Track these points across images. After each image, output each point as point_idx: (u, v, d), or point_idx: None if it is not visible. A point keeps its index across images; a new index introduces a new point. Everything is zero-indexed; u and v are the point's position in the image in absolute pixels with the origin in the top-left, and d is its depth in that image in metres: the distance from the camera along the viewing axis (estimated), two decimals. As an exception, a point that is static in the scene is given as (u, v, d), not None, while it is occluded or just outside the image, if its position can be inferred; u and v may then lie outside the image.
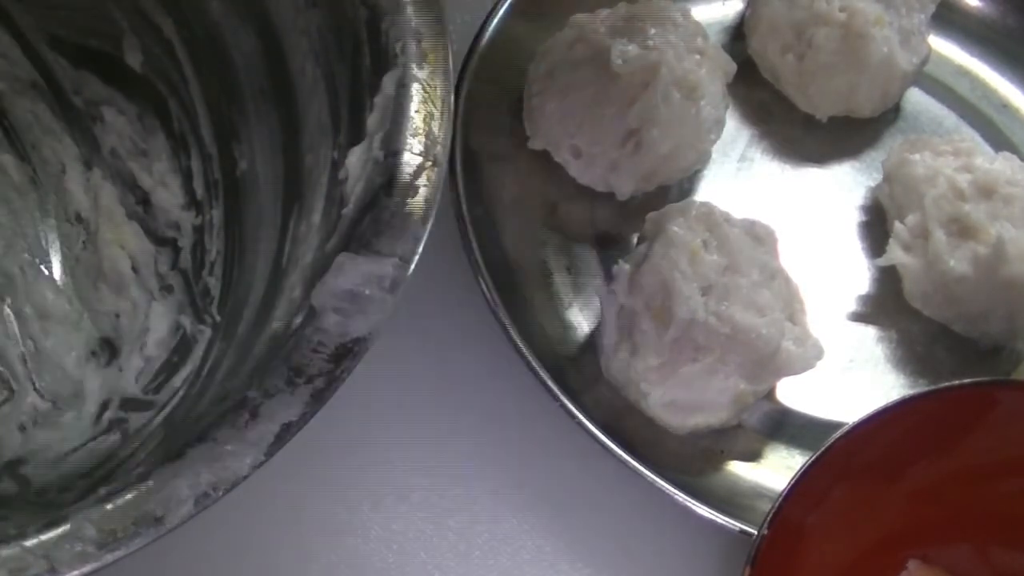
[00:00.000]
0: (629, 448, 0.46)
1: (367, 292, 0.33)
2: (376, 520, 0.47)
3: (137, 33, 0.46)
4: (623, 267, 0.48)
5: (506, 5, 0.54)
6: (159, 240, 0.48)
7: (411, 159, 0.35)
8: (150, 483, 0.29)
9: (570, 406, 0.46)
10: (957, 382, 0.45)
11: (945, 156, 0.53)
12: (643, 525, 0.48)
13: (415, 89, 0.36)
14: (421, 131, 0.36)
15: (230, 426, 0.31)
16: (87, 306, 0.47)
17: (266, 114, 0.43)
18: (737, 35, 0.59)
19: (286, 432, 0.31)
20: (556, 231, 0.54)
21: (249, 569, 0.46)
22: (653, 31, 0.52)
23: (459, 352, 0.51)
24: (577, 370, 0.49)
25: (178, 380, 0.43)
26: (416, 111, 0.36)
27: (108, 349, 0.46)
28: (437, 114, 0.36)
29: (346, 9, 0.39)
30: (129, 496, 0.29)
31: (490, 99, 0.54)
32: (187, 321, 0.45)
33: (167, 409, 0.42)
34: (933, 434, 0.45)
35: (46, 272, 0.47)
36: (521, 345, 0.47)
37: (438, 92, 0.36)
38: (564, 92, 0.52)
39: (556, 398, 0.46)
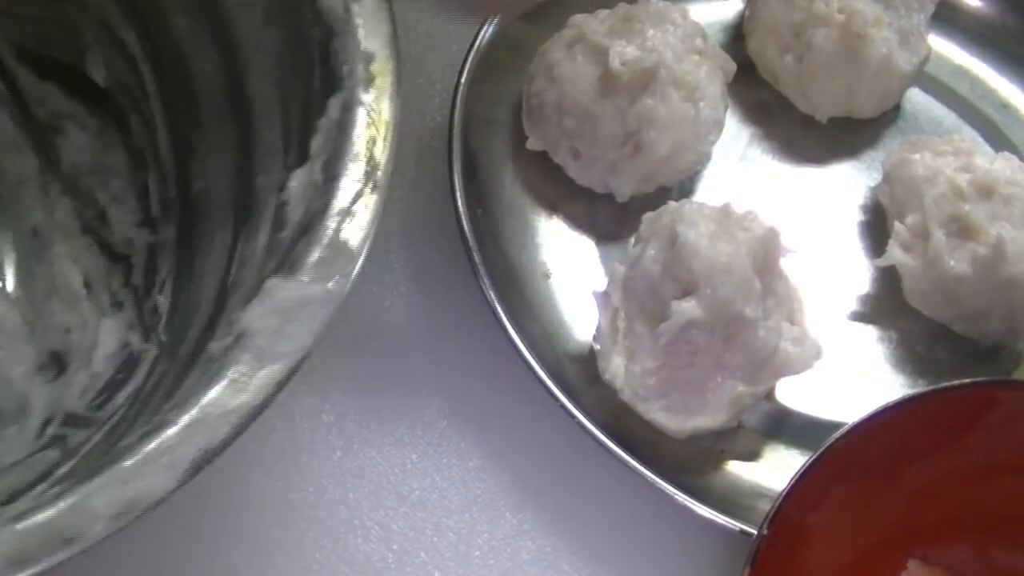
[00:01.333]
0: (629, 448, 0.46)
1: (292, 318, 0.32)
2: (376, 520, 0.47)
3: (102, 46, 0.46)
4: (618, 269, 0.48)
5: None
6: (113, 256, 0.48)
7: (350, 184, 0.35)
8: (68, 500, 0.29)
9: (570, 406, 0.46)
10: (957, 382, 0.45)
11: (945, 156, 0.53)
12: (643, 525, 0.48)
13: (359, 113, 0.36)
14: (362, 156, 0.35)
15: (147, 448, 0.30)
16: (38, 320, 0.46)
17: (223, 134, 0.43)
18: (737, 35, 0.59)
19: (203, 459, 0.31)
20: (556, 231, 0.54)
21: (249, 569, 0.46)
22: (652, 32, 0.52)
23: (459, 352, 0.51)
24: (577, 370, 0.49)
25: (121, 398, 0.43)
26: (359, 135, 0.35)
27: (56, 363, 0.46)
28: (380, 139, 0.36)
29: (303, 29, 0.38)
30: (41, 517, 0.29)
31: (490, 99, 0.54)
32: (135, 338, 0.45)
33: (107, 427, 0.42)
34: (933, 434, 0.45)
35: (0, 284, 0.47)
36: (521, 345, 0.47)
37: (383, 116, 0.36)
38: (563, 93, 0.52)
39: (556, 398, 0.46)
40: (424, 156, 0.54)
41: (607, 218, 0.54)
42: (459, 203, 0.50)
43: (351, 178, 0.35)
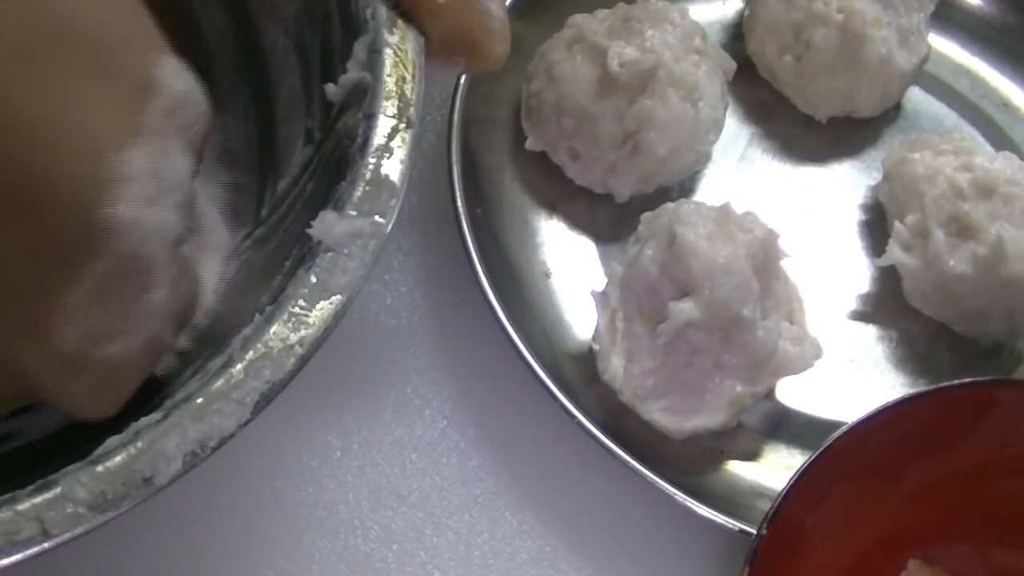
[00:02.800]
0: (629, 448, 0.46)
1: (346, 251, 0.33)
2: (376, 520, 0.47)
3: None
4: (616, 269, 0.48)
5: (506, 5, 0.54)
6: None
7: (385, 122, 0.36)
8: (139, 444, 0.30)
9: (570, 406, 0.46)
10: (957, 382, 0.45)
11: (945, 155, 0.53)
12: (643, 525, 0.48)
13: (387, 54, 0.37)
14: (394, 94, 0.36)
15: (215, 386, 0.31)
16: None
17: (239, 88, 0.44)
18: (737, 34, 0.59)
19: (272, 391, 0.31)
20: (556, 231, 0.54)
21: (249, 569, 0.46)
22: (651, 32, 0.52)
23: (459, 352, 0.51)
24: (576, 370, 0.49)
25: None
26: (388, 75, 0.36)
27: None
28: (409, 77, 0.37)
29: None
30: (118, 458, 0.30)
31: (490, 99, 0.54)
32: None
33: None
34: (933, 434, 0.45)
35: None
36: (521, 345, 0.47)
37: (409, 56, 0.37)
38: (562, 93, 0.52)
39: (556, 398, 0.46)
40: (424, 156, 0.54)
41: (607, 218, 0.54)
42: (459, 203, 0.50)
43: (385, 115, 0.36)
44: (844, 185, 0.57)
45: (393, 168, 0.35)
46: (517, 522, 0.48)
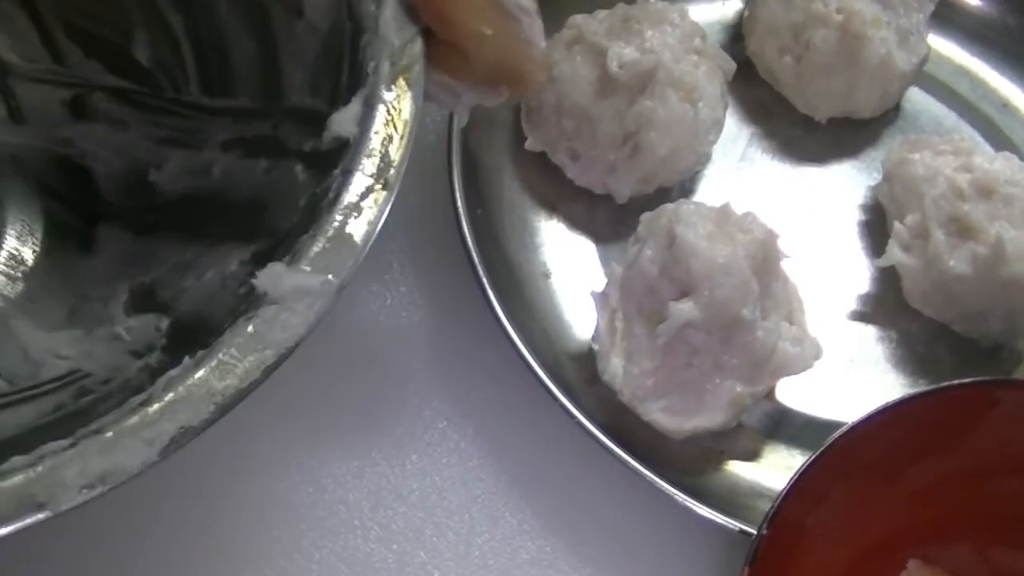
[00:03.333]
0: (629, 448, 0.46)
1: (292, 306, 0.33)
2: (376, 520, 0.47)
3: (148, 27, 0.47)
4: (616, 269, 0.48)
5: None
6: None
7: (361, 180, 0.35)
8: (39, 468, 0.30)
9: (570, 406, 0.46)
10: (957, 382, 0.45)
11: (945, 156, 0.53)
12: (643, 525, 0.48)
13: (379, 111, 0.36)
14: (377, 153, 0.36)
15: (128, 422, 0.31)
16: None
17: (255, 118, 0.44)
18: (737, 35, 0.59)
19: (183, 436, 0.31)
20: (556, 231, 0.54)
21: (249, 569, 0.46)
22: (650, 33, 0.52)
23: (458, 352, 0.51)
24: (576, 370, 0.49)
25: (132, 368, 0.43)
26: (376, 132, 0.36)
27: None
28: (396, 137, 0.36)
29: (337, 22, 0.39)
30: (16, 478, 0.29)
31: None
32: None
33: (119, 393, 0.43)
34: (933, 434, 0.45)
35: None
36: (521, 345, 0.47)
37: (402, 115, 0.36)
38: (561, 94, 0.52)
39: (556, 398, 0.46)
40: (424, 156, 0.54)
41: (607, 218, 0.54)
42: (459, 203, 0.50)
43: (363, 173, 0.35)
44: (844, 185, 0.57)
45: (359, 228, 0.34)
46: (517, 522, 0.48)
